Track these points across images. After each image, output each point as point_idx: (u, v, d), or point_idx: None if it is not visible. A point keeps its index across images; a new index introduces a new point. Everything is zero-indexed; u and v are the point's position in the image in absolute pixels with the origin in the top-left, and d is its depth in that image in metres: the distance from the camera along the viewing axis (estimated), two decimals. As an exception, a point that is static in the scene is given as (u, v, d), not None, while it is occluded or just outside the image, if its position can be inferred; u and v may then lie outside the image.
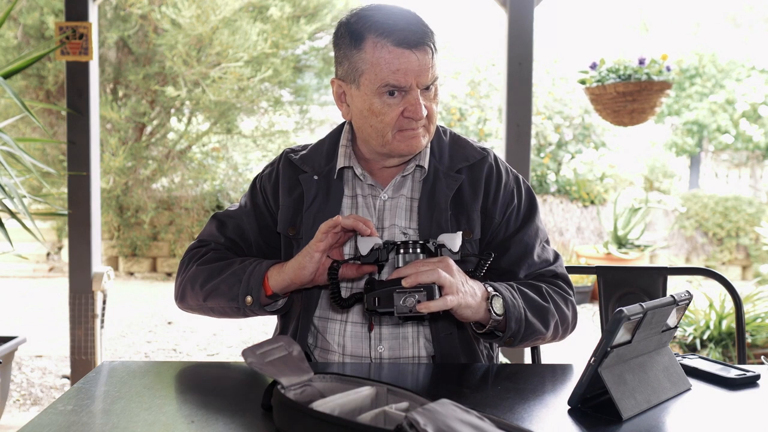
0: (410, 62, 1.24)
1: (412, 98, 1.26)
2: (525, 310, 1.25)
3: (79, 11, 3.04)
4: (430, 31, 1.28)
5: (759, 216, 7.88)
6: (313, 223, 1.34)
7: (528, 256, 1.37)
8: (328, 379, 1.01)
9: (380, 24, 1.25)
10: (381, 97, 1.27)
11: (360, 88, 1.29)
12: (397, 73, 1.24)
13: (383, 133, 1.30)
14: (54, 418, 0.98)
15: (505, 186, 1.40)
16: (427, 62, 1.25)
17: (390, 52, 1.24)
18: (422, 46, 1.25)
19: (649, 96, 3.17)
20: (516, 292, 1.27)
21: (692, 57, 9.43)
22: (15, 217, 2.62)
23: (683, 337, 3.77)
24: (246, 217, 1.44)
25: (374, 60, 1.25)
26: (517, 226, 1.39)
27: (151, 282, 7.26)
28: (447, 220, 1.33)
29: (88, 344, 3.13)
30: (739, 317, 1.72)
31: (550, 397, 1.13)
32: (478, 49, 8.87)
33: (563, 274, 1.42)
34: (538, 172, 8.14)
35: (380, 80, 1.25)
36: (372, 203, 1.38)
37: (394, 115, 1.28)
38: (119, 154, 6.66)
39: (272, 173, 1.46)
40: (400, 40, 1.24)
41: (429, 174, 1.37)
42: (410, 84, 1.25)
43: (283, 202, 1.41)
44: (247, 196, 1.49)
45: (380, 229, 1.37)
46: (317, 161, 1.42)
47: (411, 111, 1.26)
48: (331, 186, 1.38)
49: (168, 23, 6.48)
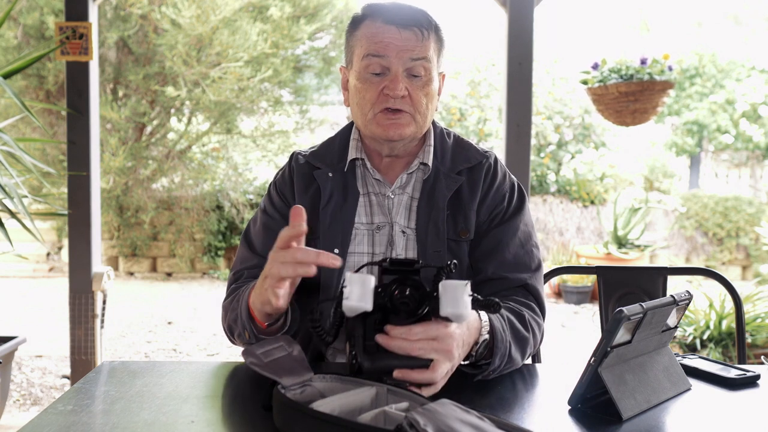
0: (393, 37, 1.27)
1: (392, 75, 1.28)
2: (510, 345, 1.17)
3: (79, 11, 3.04)
4: (428, 21, 1.30)
5: (759, 216, 7.88)
6: (331, 222, 1.34)
7: (498, 252, 1.32)
8: (328, 379, 1.01)
9: (379, 8, 1.31)
10: (365, 73, 1.30)
11: (353, 67, 1.33)
12: (379, 44, 1.27)
13: (365, 112, 1.32)
14: (54, 418, 0.97)
15: (498, 188, 1.38)
16: (412, 42, 1.27)
17: (377, 27, 1.29)
18: (411, 27, 1.27)
19: (652, 96, 3.17)
20: (506, 325, 1.19)
21: (692, 57, 9.43)
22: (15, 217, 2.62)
23: (683, 337, 3.77)
24: (275, 225, 1.36)
25: (362, 35, 1.30)
26: (496, 223, 1.36)
27: (151, 282, 7.26)
28: (444, 220, 1.33)
29: (88, 344, 3.13)
30: (739, 317, 1.72)
31: (550, 397, 1.13)
32: (478, 49, 8.87)
33: (535, 288, 1.33)
34: (538, 172, 8.14)
35: (365, 50, 1.29)
36: (383, 201, 1.38)
37: (374, 93, 1.29)
38: (119, 154, 6.66)
39: (285, 174, 1.44)
40: (389, 19, 1.28)
41: (430, 174, 1.37)
42: (390, 57, 1.27)
43: (299, 201, 1.38)
44: (267, 206, 1.43)
45: (387, 225, 1.36)
46: (329, 157, 1.41)
47: (389, 88, 1.28)
48: (347, 184, 1.38)
49: (168, 23, 6.48)
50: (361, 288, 0.98)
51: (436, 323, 1.03)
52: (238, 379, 1.18)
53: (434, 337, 1.01)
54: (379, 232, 1.36)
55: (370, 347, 1.02)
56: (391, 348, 1.01)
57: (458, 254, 1.34)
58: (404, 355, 1.00)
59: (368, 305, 0.98)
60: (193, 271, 7.57)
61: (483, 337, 1.13)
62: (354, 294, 0.98)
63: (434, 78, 1.32)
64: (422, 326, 1.02)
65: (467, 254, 1.35)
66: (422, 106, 1.31)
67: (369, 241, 1.35)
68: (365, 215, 1.37)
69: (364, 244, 1.35)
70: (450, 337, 1.02)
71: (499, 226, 1.36)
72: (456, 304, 0.98)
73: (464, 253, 1.34)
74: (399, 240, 1.35)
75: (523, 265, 1.34)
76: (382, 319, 1.03)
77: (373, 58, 1.28)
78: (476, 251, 1.35)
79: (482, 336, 1.13)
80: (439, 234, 1.32)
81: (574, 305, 6.34)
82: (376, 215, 1.37)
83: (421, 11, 1.31)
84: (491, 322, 1.15)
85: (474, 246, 1.35)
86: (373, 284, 1.00)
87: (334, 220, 1.34)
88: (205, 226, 7.37)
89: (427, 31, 1.29)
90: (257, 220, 1.44)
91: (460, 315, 0.98)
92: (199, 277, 7.51)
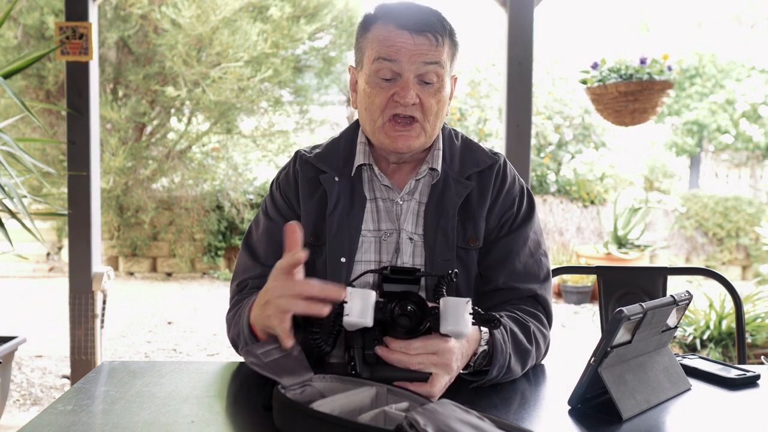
0: (406, 42, 1.23)
1: (403, 81, 1.24)
2: (510, 357, 1.16)
3: (79, 11, 3.04)
4: (442, 25, 1.26)
5: (759, 216, 7.88)
6: (338, 229, 1.31)
7: (508, 262, 1.31)
8: (328, 379, 1.01)
9: (391, 10, 1.27)
10: (375, 77, 1.26)
11: (363, 69, 1.29)
12: (391, 48, 1.24)
13: (374, 118, 1.28)
14: (54, 418, 0.97)
15: (507, 192, 1.35)
16: (425, 47, 1.23)
17: (390, 31, 1.24)
18: (425, 32, 1.23)
19: (651, 96, 3.17)
20: (509, 337, 1.17)
21: (692, 57, 9.43)
22: (15, 217, 2.62)
23: (683, 337, 3.77)
24: (279, 231, 1.28)
25: (374, 37, 1.26)
26: (506, 231, 1.34)
27: (151, 282, 7.26)
28: (453, 228, 1.30)
29: (88, 344, 3.13)
30: (739, 317, 1.72)
31: (550, 397, 1.13)
32: (478, 49, 8.87)
33: (544, 299, 1.32)
34: (538, 172, 8.14)
35: (375, 53, 1.25)
36: (391, 208, 1.35)
37: (384, 99, 1.26)
38: (119, 154, 6.66)
39: (289, 176, 1.39)
40: (402, 23, 1.24)
41: (439, 179, 1.34)
42: (402, 62, 1.23)
43: (304, 207, 1.35)
44: (270, 208, 1.39)
45: (394, 231, 1.33)
46: (335, 160, 1.36)
47: (399, 95, 1.24)
48: (354, 189, 1.34)
49: (168, 23, 6.48)
50: (362, 303, 0.98)
51: (436, 338, 1.02)
52: (238, 379, 1.18)
53: (434, 352, 1.01)
54: (386, 239, 1.33)
55: (369, 357, 1.03)
56: (391, 361, 1.01)
57: (467, 262, 1.31)
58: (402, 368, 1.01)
59: (369, 321, 0.98)
60: (193, 271, 7.57)
61: (482, 348, 1.12)
62: (354, 310, 0.97)
63: (446, 84, 1.28)
64: (422, 340, 1.01)
65: (476, 262, 1.32)
66: (432, 114, 1.27)
67: (376, 249, 1.32)
68: (372, 222, 1.34)
69: (371, 251, 1.32)
70: (449, 352, 1.02)
71: (510, 235, 1.33)
72: (457, 322, 0.98)
73: (473, 261, 1.32)
74: (406, 247, 1.32)
75: (533, 276, 1.32)
76: (381, 330, 1.03)
77: (384, 62, 1.24)
78: (486, 260, 1.32)
79: (481, 347, 1.12)
80: (449, 242, 1.30)
81: (574, 305, 6.34)
82: (383, 222, 1.34)
83: (436, 14, 1.27)
84: (491, 333, 1.14)
85: (484, 254, 1.33)
86: (374, 299, 0.99)
87: (341, 227, 1.31)
88: (205, 226, 7.37)
89: (441, 36, 1.25)
90: (259, 224, 1.39)
91: (460, 333, 0.98)
92: (199, 277, 7.51)
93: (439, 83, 1.26)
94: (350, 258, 1.30)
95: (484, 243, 1.33)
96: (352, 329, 1.00)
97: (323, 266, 1.31)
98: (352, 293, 0.98)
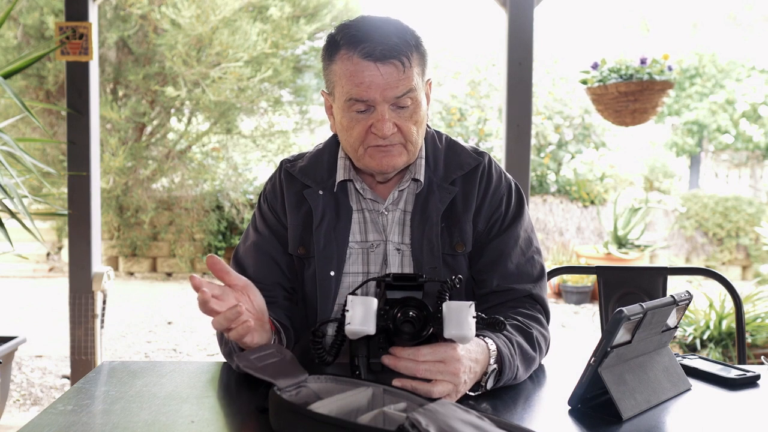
0: (373, 76, 1.19)
1: (378, 114, 1.21)
2: (517, 369, 1.15)
3: (79, 11, 3.04)
4: (406, 42, 1.21)
5: (759, 216, 7.88)
6: (325, 243, 1.31)
7: (501, 264, 1.30)
8: (323, 380, 1.00)
9: (353, 36, 1.20)
10: (349, 112, 1.23)
11: (336, 101, 1.27)
12: (360, 86, 1.20)
13: (355, 148, 1.26)
14: (54, 418, 0.97)
15: (494, 193, 1.34)
16: (394, 77, 1.19)
17: (355, 64, 1.20)
18: (390, 60, 1.19)
19: (651, 96, 3.17)
20: (516, 350, 1.16)
21: (692, 57, 9.44)
22: (15, 217, 2.62)
23: (683, 337, 3.77)
24: (266, 244, 1.36)
25: (341, 72, 1.22)
26: (496, 232, 1.33)
27: (151, 282, 7.26)
28: (437, 235, 1.29)
29: (88, 344, 3.13)
30: (739, 317, 1.72)
31: (550, 397, 1.13)
32: (478, 49, 8.87)
33: (541, 297, 1.32)
34: (538, 172, 8.14)
35: (346, 93, 1.22)
36: (377, 218, 1.34)
37: (361, 130, 1.23)
38: (119, 154, 6.67)
39: (276, 188, 1.40)
40: (366, 53, 1.19)
41: (423, 187, 1.33)
42: (374, 98, 1.20)
43: (291, 220, 1.35)
44: (258, 221, 1.40)
45: (381, 242, 1.33)
46: (319, 174, 1.36)
47: (376, 128, 1.22)
48: (338, 201, 1.34)
49: (168, 23, 6.48)
50: (364, 311, 0.97)
51: (444, 345, 1.01)
52: (238, 380, 1.18)
53: (441, 360, 1.01)
54: (373, 250, 1.33)
55: (374, 365, 1.02)
56: (398, 369, 1.00)
57: (456, 268, 1.30)
58: (409, 375, 1.00)
59: (371, 329, 0.97)
60: (193, 271, 7.57)
61: (492, 367, 1.11)
62: (356, 318, 0.97)
63: (421, 101, 1.26)
64: (430, 348, 1.01)
65: (467, 267, 1.32)
66: (413, 135, 1.25)
67: (363, 260, 1.33)
68: (359, 233, 1.34)
69: (359, 263, 1.33)
70: (457, 361, 1.01)
71: (500, 236, 1.32)
72: (460, 326, 0.97)
73: (462, 266, 1.31)
74: (394, 258, 1.32)
75: (527, 275, 1.31)
76: (385, 338, 1.03)
77: (356, 102, 1.21)
78: (478, 263, 1.32)
79: (491, 366, 1.11)
80: (434, 250, 1.29)
81: (574, 305, 6.34)
82: (370, 233, 1.34)
83: (397, 30, 1.21)
84: (499, 350, 1.12)
85: (475, 258, 1.32)
86: (376, 306, 0.98)
87: (329, 241, 1.31)
88: (205, 226, 7.37)
89: (407, 58, 1.20)
90: (248, 238, 1.40)
91: (464, 337, 0.97)
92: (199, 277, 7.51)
93: (414, 104, 1.24)
94: (338, 270, 1.31)
95: (475, 246, 1.32)
96: (355, 338, 0.99)
97: (312, 279, 1.32)
98: (353, 301, 0.97)
